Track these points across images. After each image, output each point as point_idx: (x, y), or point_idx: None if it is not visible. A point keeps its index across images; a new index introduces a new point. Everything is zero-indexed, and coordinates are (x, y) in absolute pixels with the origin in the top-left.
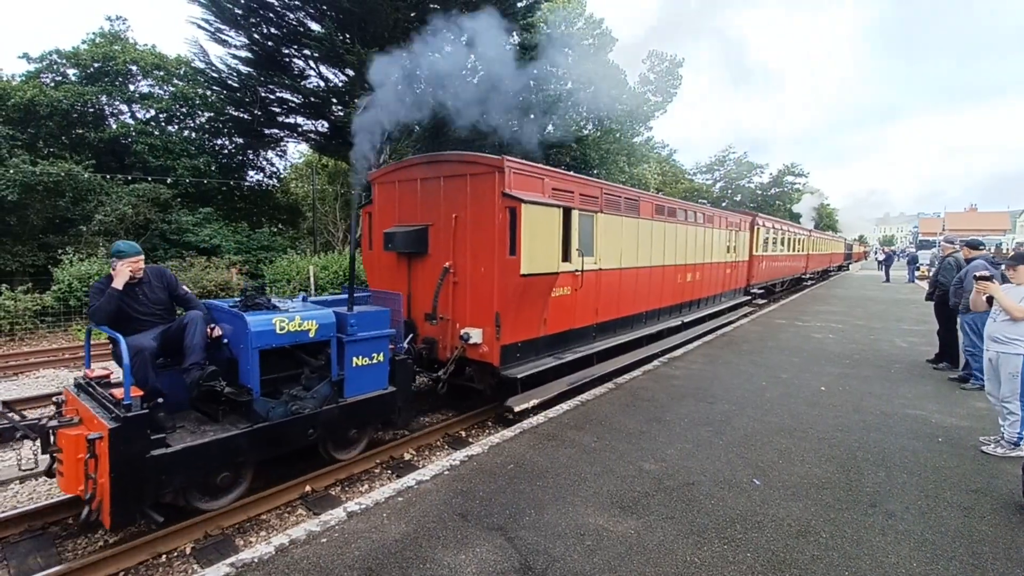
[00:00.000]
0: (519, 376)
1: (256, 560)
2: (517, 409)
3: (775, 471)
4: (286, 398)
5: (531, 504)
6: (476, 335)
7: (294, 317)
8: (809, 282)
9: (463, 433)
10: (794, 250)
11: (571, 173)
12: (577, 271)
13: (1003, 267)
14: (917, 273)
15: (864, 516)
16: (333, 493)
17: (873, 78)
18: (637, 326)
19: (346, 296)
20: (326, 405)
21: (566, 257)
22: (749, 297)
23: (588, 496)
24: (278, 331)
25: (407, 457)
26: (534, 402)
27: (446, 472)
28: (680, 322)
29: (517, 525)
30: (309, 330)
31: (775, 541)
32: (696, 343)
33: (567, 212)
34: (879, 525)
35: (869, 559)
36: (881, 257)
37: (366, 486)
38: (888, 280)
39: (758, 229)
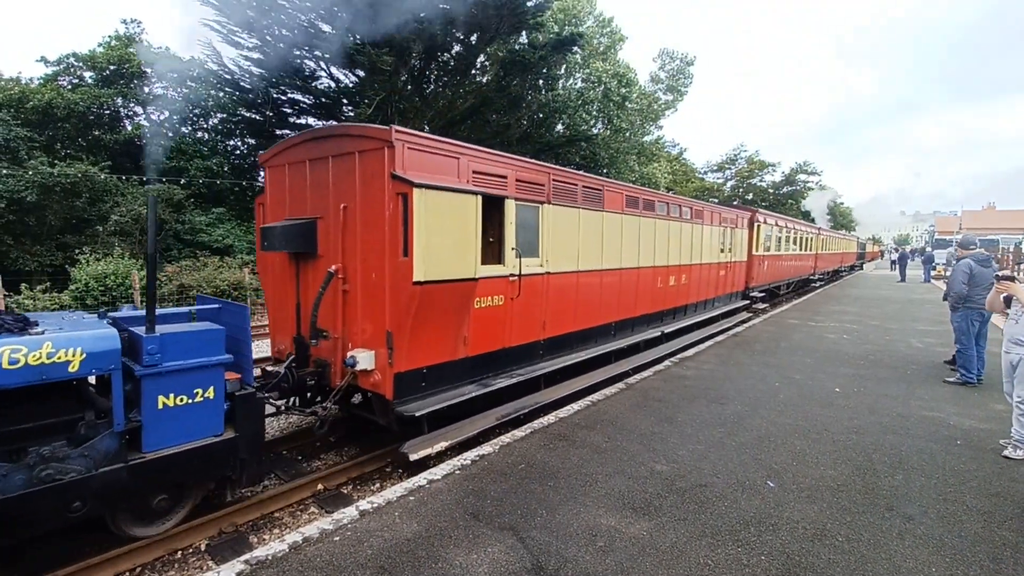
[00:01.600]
0: (419, 413)
1: (270, 558)
2: (414, 457)
3: (789, 473)
4: (33, 459)
5: (543, 504)
6: (365, 359)
7: (40, 344)
8: (818, 284)
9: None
10: (801, 249)
11: (506, 154)
12: (512, 276)
13: (996, 267)
14: (933, 273)
15: (881, 519)
16: (345, 492)
17: (893, 74)
18: (603, 340)
19: (198, 309)
20: (108, 465)
21: (495, 258)
22: (748, 302)
23: (600, 496)
24: (5, 365)
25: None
26: (442, 446)
27: (457, 472)
28: (660, 333)
29: (529, 525)
30: (69, 361)
31: (790, 544)
32: (708, 343)
33: (493, 201)
34: (897, 528)
35: (887, 563)
36: (895, 257)
37: (378, 484)
38: (903, 280)
39: (758, 226)
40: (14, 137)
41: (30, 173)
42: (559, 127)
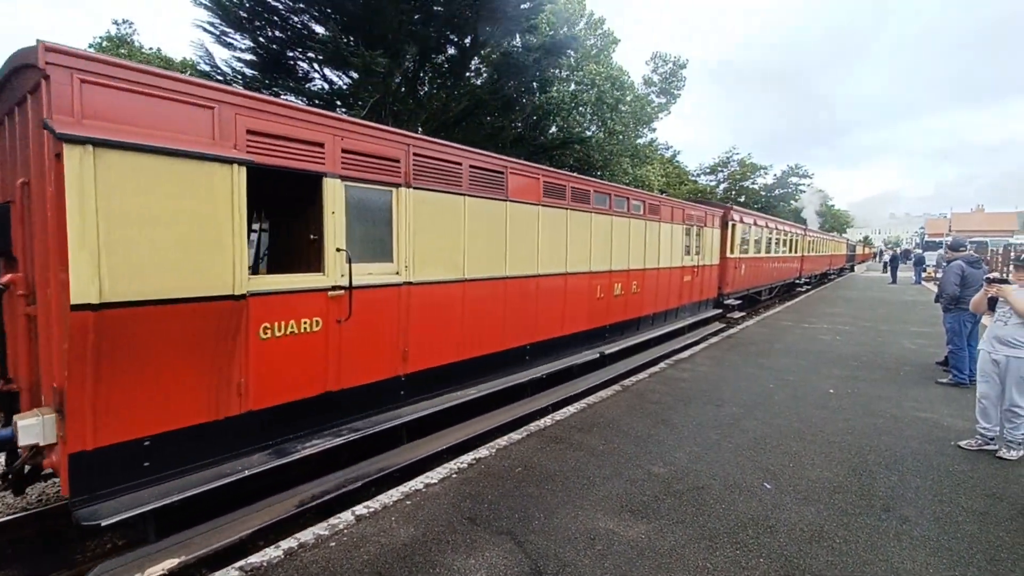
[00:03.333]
0: (109, 521)
1: (265, 564)
2: None
3: (786, 475)
4: None
5: (540, 508)
6: (30, 430)
7: None
8: (804, 288)
9: None
10: (784, 251)
11: (323, 112)
12: (338, 289)
13: (986, 269)
14: (924, 274)
15: (878, 521)
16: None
17: (887, 76)
18: (513, 369)
19: None
20: None
21: (310, 264)
22: (720, 311)
23: (597, 499)
24: None
25: None
26: (164, 569)
27: (454, 475)
28: (598, 354)
29: (526, 529)
30: None
31: (788, 546)
32: (702, 345)
33: (296, 179)
34: (894, 530)
35: (884, 565)
36: (887, 258)
37: (373, 489)
38: (894, 282)
39: (733, 226)
40: None
41: None
42: (553, 129)
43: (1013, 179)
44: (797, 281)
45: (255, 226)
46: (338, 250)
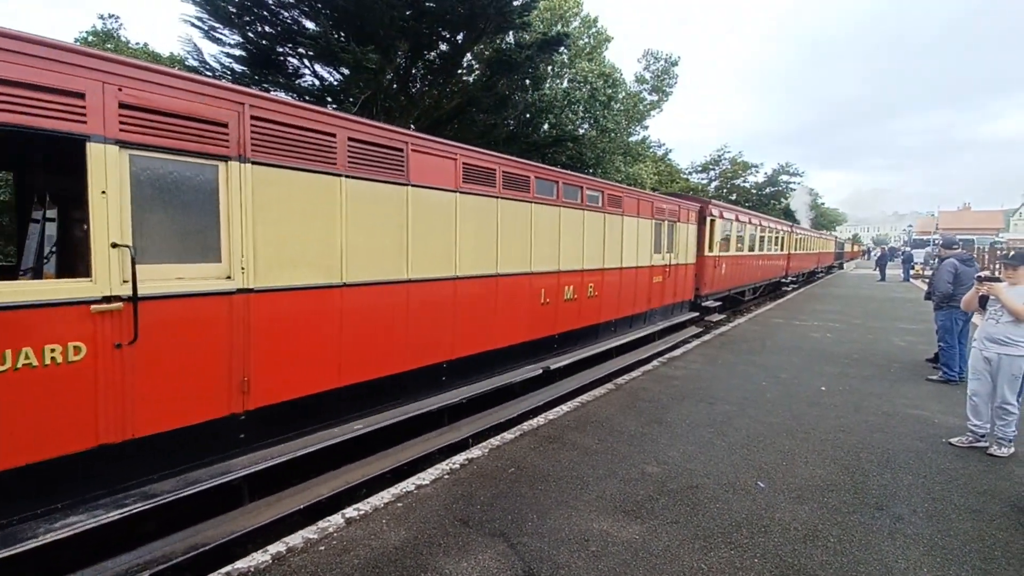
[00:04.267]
0: None
1: (252, 570)
2: None
3: (779, 473)
4: None
5: (533, 509)
6: None
7: None
8: (791, 287)
9: None
10: (769, 249)
11: (82, 48)
12: (111, 300)
13: (978, 267)
14: (912, 271)
15: (872, 519)
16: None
17: (874, 74)
18: (415, 395)
19: None
20: None
21: (71, 266)
22: (697, 314)
23: (591, 500)
24: None
25: None
26: None
27: (446, 476)
28: (542, 370)
29: (520, 531)
30: None
31: (783, 546)
32: (694, 343)
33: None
34: (887, 529)
35: (879, 564)
36: (877, 255)
37: (364, 490)
38: (883, 279)
39: (712, 222)
40: None
41: None
42: (545, 127)
43: (999, 177)
44: (783, 280)
45: (36, 214)
46: (114, 245)
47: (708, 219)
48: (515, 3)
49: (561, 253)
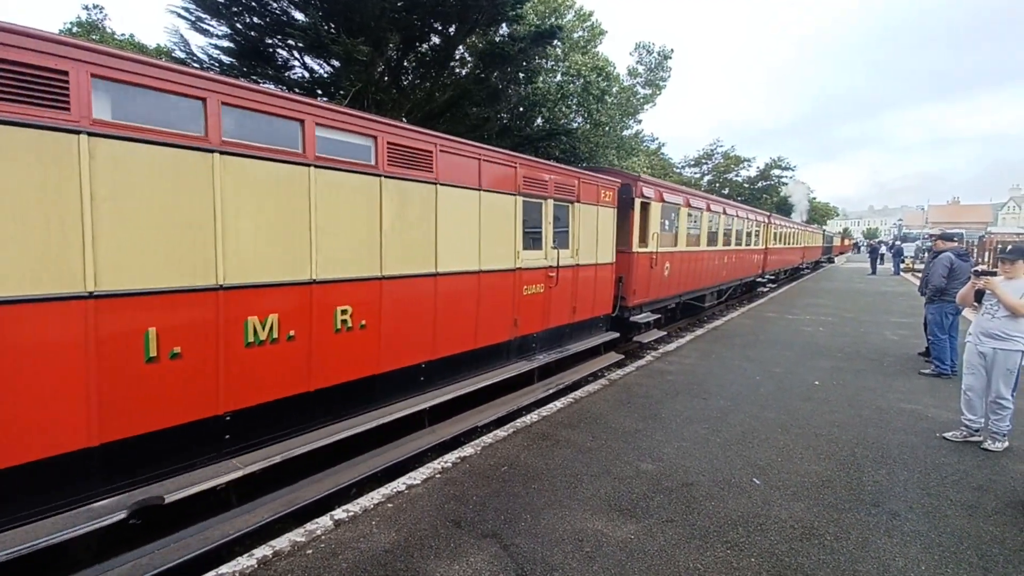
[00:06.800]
0: None
1: (237, 575)
2: None
3: (774, 469)
4: None
5: (526, 508)
6: None
7: None
8: (767, 288)
9: None
10: (740, 243)
11: None
12: None
13: (974, 261)
14: (903, 265)
15: (868, 516)
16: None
17: (866, 68)
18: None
19: None
20: None
21: None
22: (617, 335)
23: (585, 499)
24: None
25: None
26: None
27: (438, 476)
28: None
29: (512, 531)
30: None
31: (779, 544)
32: (687, 337)
33: None
34: (884, 526)
35: (876, 562)
36: (868, 249)
37: (354, 491)
38: (874, 273)
39: (645, 206)
40: None
41: None
42: (539, 120)
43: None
44: (760, 279)
45: None
46: None
47: (638, 202)
48: None
49: (316, 254)
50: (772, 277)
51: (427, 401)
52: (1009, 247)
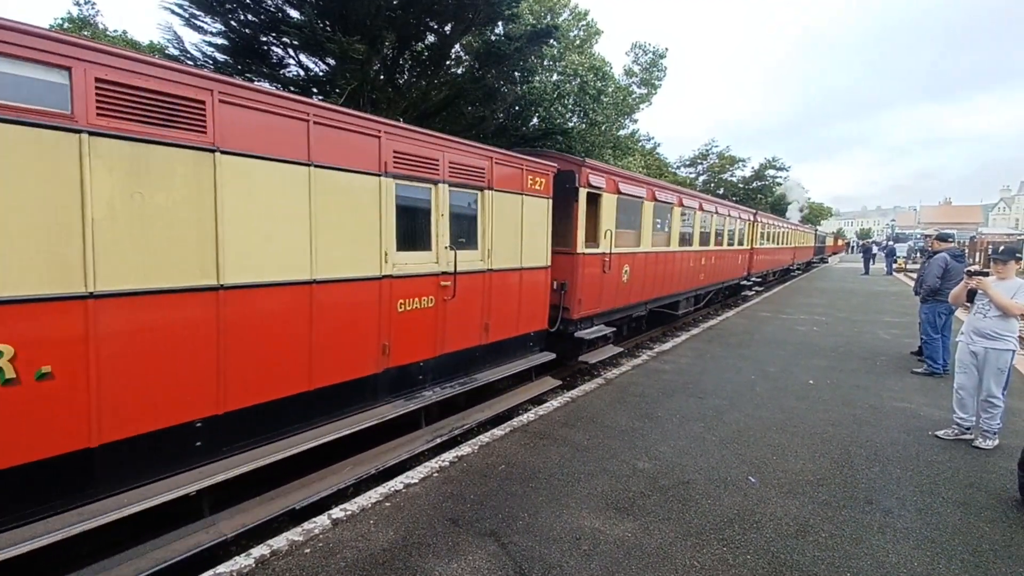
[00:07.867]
0: None
1: (235, 574)
2: None
3: (770, 468)
4: None
5: (524, 507)
6: None
7: None
8: (752, 292)
9: None
10: (722, 242)
11: None
12: None
13: (968, 262)
14: (895, 265)
15: (862, 514)
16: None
17: (862, 68)
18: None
19: None
20: None
21: None
22: (552, 356)
23: (583, 497)
24: None
25: None
26: None
27: (435, 474)
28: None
29: (510, 530)
30: None
31: (775, 541)
32: (683, 336)
33: None
34: (877, 523)
35: (870, 559)
36: (862, 249)
37: (352, 490)
38: (867, 273)
39: (595, 197)
40: None
41: None
42: (535, 120)
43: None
44: (744, 282)
45: None
46: None
47: (583, 193)
48: None
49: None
50: (759, 279)
51: (199, 480)
52: (1002, 248)
